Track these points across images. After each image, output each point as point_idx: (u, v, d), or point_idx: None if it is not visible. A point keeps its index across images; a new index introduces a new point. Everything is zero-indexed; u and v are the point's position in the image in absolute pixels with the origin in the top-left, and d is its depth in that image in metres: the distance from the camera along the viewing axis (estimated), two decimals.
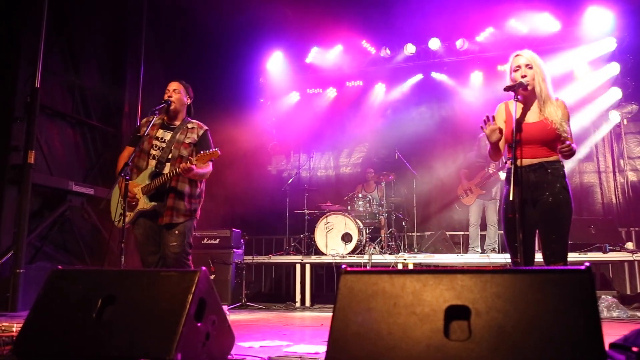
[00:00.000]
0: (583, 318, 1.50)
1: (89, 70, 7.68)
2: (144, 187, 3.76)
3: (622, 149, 8.24)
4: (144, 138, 3.82)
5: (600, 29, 8.08)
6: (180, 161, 3.76)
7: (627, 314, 5.66)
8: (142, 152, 3.84)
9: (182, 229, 3.77)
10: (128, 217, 3.75)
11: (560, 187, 3.15)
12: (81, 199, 7.10)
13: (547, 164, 3.18)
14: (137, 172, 3.82)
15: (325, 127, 9.78)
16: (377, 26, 9.10)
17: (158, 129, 3.90)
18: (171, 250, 3.69)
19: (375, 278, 1.78)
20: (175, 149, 3.83)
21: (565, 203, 3.14)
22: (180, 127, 3.94)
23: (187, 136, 3.91)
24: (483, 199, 7.50)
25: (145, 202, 3.75)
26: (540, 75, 3.23)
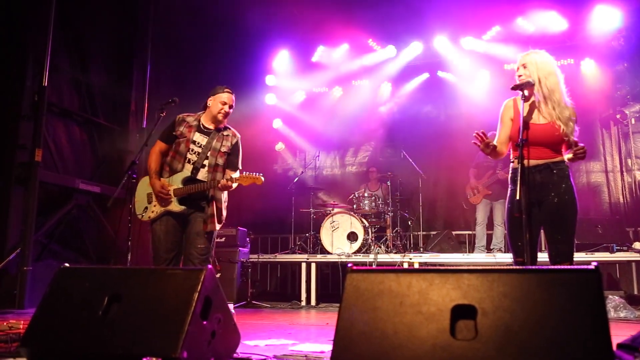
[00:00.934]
0: (591, 318, 1.49)
1: (96, 68, 7.70)
2: (176, 190, 3.81)
3: (629, 148, 8.18)
4: (181, 140, 3.86)
5: (607, 28, 8.03)
6: (216, 169, 3.87)
7: (634, 315, 5.62)
8: (178, 153, 3.87)
9: (213, 234, 3.89)
10: (154, 213, 3.82)
11: (565, 187, 3.16)
12: (88, 197, 7.13)
13: (552, 164, 3.20)
14: (169, 171, 3.86)
15: (331, 126, 9.77)
16: (383, 25, 9.08)
17: (195, 132, 3.91)
18: (198, 252, 3.78)
19: (381, 277, 1.78)
20: (212, 157, 3.89)
21: (571, 204, 3.16)
22: (216, 132, 3.97)
23: (223, 144, 3.95)
24: (489, 199, 7.49)
25: (175, 204, 3.81)
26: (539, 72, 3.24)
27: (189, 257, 3.79)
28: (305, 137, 10.01)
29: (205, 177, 3.85)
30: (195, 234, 3.80)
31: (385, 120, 9.66)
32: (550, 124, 3.19)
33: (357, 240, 7.41)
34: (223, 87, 4.01)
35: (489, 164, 7.53)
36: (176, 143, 3.86)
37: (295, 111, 10.11)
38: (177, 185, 3.83)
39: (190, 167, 3.85)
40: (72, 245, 7.08)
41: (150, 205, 3.85)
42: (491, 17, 8.60)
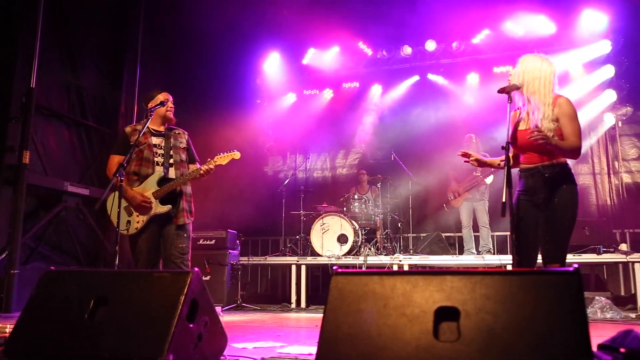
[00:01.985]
0: (571, 319, 1.51)
1: (85, 70, 7.66)
2: (155, 192, 3.87)
3: (616, 151, 8.27)
4: (141, 147, 3.88)
5: (595, 32, 8.12)
6: (182, 165, 4.02)
7: (620, 315, 5.68)
8: (144, 160, 3.92)
9: (189, 230, 3.98)
10: (139, 224, 3.83)
11: (559, 191, 3.15)
12: (76, 200, 7.09)
13: (542, 168, 3.21)
14: (139, 179, 3.89)
15: (321, 128, 9.79)
16: (374, 28, 9.12)
17: (151, 137, 3.99)
18: (179, 251, 3.84)
19: (365, 279, 1.79)
20: (175, 154, 4.04)
21: (562, 205, 3.14)
22: (168, 133, 4.11)
23: (179, 141, 4.13)
24: (470, 201, 7.56)
25: (159, 206, 3.86)
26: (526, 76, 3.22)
27: (169, 258, 3.82)
28: (296, 139, 10.02)
29: (174, 174, 3.97)
30: (173, 234, 3.87)
31: (376, 123, 9.69)
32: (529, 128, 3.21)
33: (347, 243, 7.43)
34: (157, 90, 4.12)
35: (467, 166, 7.60)
36: (137, 152, 3.89)
37: (286, 113, 10.11)
38: (154, 188, 3.88)
39: (160, 169, 3.94)
40: (60, 248, 7.03)
41: (133, 217, 3.84)
42: (480, 20, 8.66)
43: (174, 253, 3.82)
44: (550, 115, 3.15)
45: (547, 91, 3.21)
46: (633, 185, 8.13)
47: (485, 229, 7.45)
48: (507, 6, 8.29)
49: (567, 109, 3.16)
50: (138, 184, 3.88)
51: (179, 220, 3.89)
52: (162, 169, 3.94)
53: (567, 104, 3.18)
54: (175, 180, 3.91)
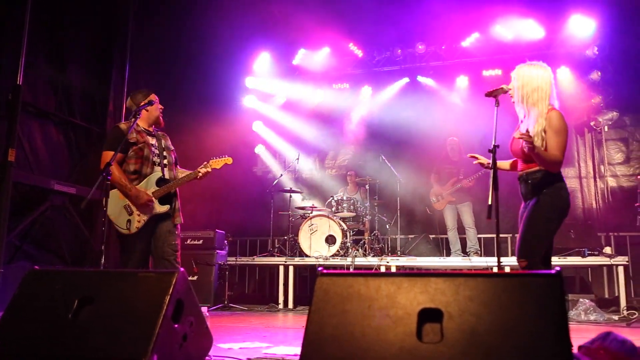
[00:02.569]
0: (552, 321, 1.53)
1: (73, 67, 7.60)
2: (155, 192, 3.89)
3: (602, 155, 8.35)
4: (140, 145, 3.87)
5: (582, 37, 8.20)
6: (172, 166, 4.09)
7: (603, 317, 5.75)
8: (144, 159, 3.91)
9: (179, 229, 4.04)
10: (140, 222, 3.83)
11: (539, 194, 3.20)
12: (63, 198, 7.03)
13: (526, 175, 3.29)
14: (139, 178, 3.89)
15: (311, 129, 9.79)
16: (364, 29, 9.14)
17: (147, 136, 3.98)
18: (173, 249, 3.89)
19: (350, 280, 1.80)
20: (168, 155, 4.08)
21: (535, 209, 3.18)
22: (157, 134, 4.13)
23: (168, 143, 4.17)
24: (454, 204, 7.63)
25: (159, 206, 3.90)
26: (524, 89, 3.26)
27: (163, 256, 3.84)
28: (285, 140, 10.01)
29: (168, 175, 4.03)
30: (167, 232, 3.90)
31: (365, 124, 9.71)
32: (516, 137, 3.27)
33: (335, 244, 7.44)
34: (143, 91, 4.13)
35: (450, 170, 7.68)
36: (136, 150, 3.87)
37: (276, 114, 10.10)
38: (153, 188, 3.91)
39: (159, 169, 3.97)
40: (46, 247, 6.97)
41: (134, 216, 3.83)
42: (470, 23, 8.71)
43: (167, 250, 3.84)
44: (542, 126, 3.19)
45: (546, 103, 3.24)
46: (618, 189, 8.22)
47: (472, 231, 7.51)
48: (497, 10, 8.34)
49: (554, 123, 3.18)
50: (137, 183, 3.87)
51: (176, 220, 3.97)
52: (160, 169, 3.97)
53: (556, 118, 3.19)
54: (173, 181, 3.97)
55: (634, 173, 8.10)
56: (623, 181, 8.22)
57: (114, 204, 3.83)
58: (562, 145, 3.17)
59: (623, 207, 7.76)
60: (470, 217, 7.53)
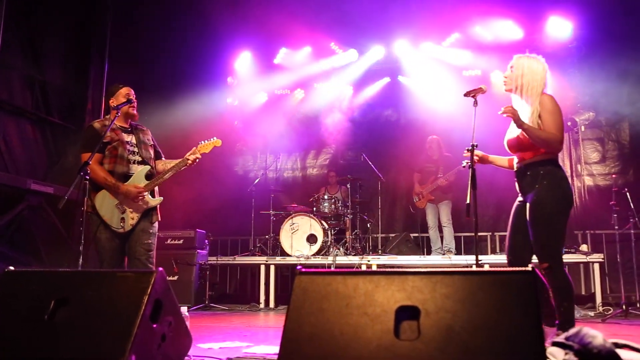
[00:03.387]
0: (526, 317, 1.56)
1: (50, 65, 7.49)
2: (146, 186, 3.87)
3: (579, 154, 8.49)
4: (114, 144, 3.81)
5: (560, 38, 8.33)
6: (151, 162, 4.01)
7: (580, 314, 5.86)
8: (119, 157, 3.86)
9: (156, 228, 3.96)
10: (134, 220, 3.80)
11: (538, 188, 3.14)
12: (40, 198, 6.93)
13: (525, 167, 3.24)
14: (115, 177, 3.81)
15: (292, 128, 9.79)
16: (346, 29, 9.15)
17: (121, 133, 3.91)
18: (145, 248, 3.82)
19: (329, 279, 1.81)
20: (145, 151, 4.01)
21: (539, 204, 3.12)
22: (134, 129, 4.06)
23: (147, 138, 4.10)
24: (434, 202, 7.69)
25: (151, 199, 3.89)
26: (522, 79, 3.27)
27: (135, 255, 3.78)
28: (266, 139, 9.99)
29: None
30: (140, 231, 3.83)
31: (346, 124, 9.73)
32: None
33: (317, 243, 7.45)
34: (117, 85, 4.07)
35: (430, 169, 7.75)
36: (110, 148, 3.84)
37: (257, 113, 10.07)
38: (143, 183, 3.87)
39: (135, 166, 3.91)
40: (23, 248, 6.86)
41: (127, 214, 3.79)
42: (450, 24, 8.78)
43: (139, 250, 3.78)
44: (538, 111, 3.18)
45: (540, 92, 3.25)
46: (594, 187, 8.36)
47: (447, 229, 7.58)
48: (477, 11, 8.42)
49: (547, 105, 3.18)
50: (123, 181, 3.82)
51: (155, 218, 3.93)
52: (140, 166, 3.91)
53: (548, 101, 3.20)
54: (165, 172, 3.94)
55: (609, 172, 8.25)
56: (599, 180, 8.37)
57: (105, 204, 3.79)
58: (559, 124, 3.13)
59: (599, 206, 7.89)
60: (447, 215, 7.59)
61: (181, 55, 9.20)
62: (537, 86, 3.25)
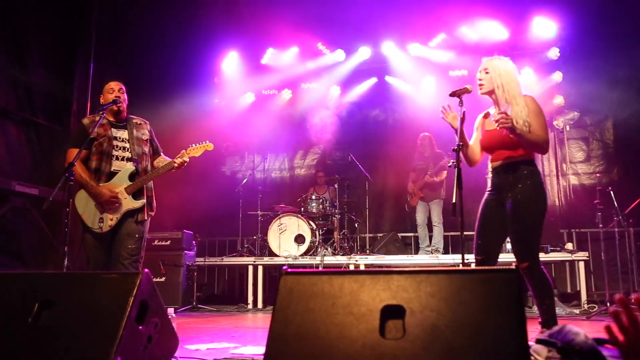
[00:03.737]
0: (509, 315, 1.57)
1: (35, 66, 7.41)
2: (128, 187, 3.78)
3: (564, 153, 8.58)
4: (100, 140, 3.77)
5: (545, 39, 8.42)
6: (144, 158, 3.92)
7: (565, 311, 5.92)
8: (104, 154, 3.80)
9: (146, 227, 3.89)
10: (114, 220, 3.73)
11: (522, 187, 3.17)
12: (24, 200, 6.85)
13: (508, 165, 3.25)
14: (99, 175, 3.77)
15: (280, 129, 9.78)
16: (333, 29, 9.17)
17: (111, 129, 3.86)
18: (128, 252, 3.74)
19: (314, 279, 1.81)
20: (138, 146, 3.92)
21: (523, 203, 3.15)
22: (129, 123, 3.98)
23: (142, 132, 4.00)
24: (425, 200, 7.73)
25: (132, 201, 3.78)
26: (500, 79, 3.29)
27: (118, 259, 3.73)
28: (254, 139, 9.98)
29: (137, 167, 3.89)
30: (126, 235, 3.77)
31: (334, 124, 9.75)
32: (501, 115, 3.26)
33: (305, 243, 7.46)
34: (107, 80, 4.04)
35: (421, 167, 7.79)
36: (96, 145, 3.80)
37: (244, 113, 10.05)
38: (127, 183, 3.79)
39: (124, 163, 3.85)
40: (7, 250, 6.78)
41: (106, 215, 3.74)
42: (437, 24, 8.83)
43: (122, 254, 3.72)
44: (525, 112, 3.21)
45: (519, 93, 3.29)
46: (579, 186, 8.45)
47: (437, 228, 7.62)
48: (463, 11, 8.48)
49: (532, 106, 3.24)
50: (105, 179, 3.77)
51: (143, 216, 3.84)
52: (128, 164, 3.84)
53: (532, 102, 3.27)
54: (149, 174, 3.85)
55: (594, 171, 8.35)
56: (584, 179, 8.46)
57: (84, 203, 3.76)
58: (545, 125, 3.21)
59: (584, 205, 7.98)
60: (438, 214, 7.63)
61: (168, 55, 9.15)
62: (516, 86, 3.31)
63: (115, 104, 3.86)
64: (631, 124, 8.15)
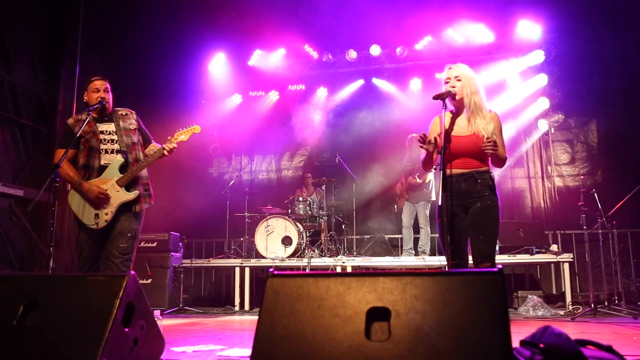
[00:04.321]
0: (494, 317, 1.60)
1: (20, 66, 7.33)
2: (119, 180, 3.76)
3: (549, 155, 8.68)
4: (87, 136, 3.75)
5: (530, 42, 8.52)
6: (134, 148, 3.90)
7: (550, 313, 5.98)
8: (92, 150, 3.79)
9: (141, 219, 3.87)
10: (109, 215, 3.72)
11: (488, 194, 3.34)
12: (9, 201, 6.77)
13: (477, 174, 3.37)
14: (89, 171, 3.76)
15: (267, 130, 9.78)
16: (320, 31, 9.20)
17: (96, 124, 3.85)
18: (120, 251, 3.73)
19: (300, 281, 1.82)
20: (126, 137, 3.90)
21: (492, 208, 3.33)
22: (115, 115, 3.96)
23: (128, 122, 3.97)
24: (411, 202, 7.76)
25: (126, 193, 3.77)
26: (470, 87, 3.39)
27: (109, 256, 3.72)
28: (241, 140, 9.97)
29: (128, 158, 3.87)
30: (118, 233, 3.76)
31: (321, 126, 9.78)
32: (473, 135, 3.35)
33: (292, 245, 7.46)
34: (90, 77, 4.00)
35: (408, 167, 7.81)
36: (83, 142, 3.79)
37: (231, 114, 10.04)
38: (117, 176, 3.78)
39: (114, 156, 3.82)
40: None
41: (101, 210, 3.73)
42: (423, 27, 8.90)
43: (113, 252, 3.71)
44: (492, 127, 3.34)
45: (484, 105, 3.39)
46: (564, 188, 8.55)
47: (424, 230, 7.65)
48: (449, 14, 8.55)
49: (498, 124, 3.42)
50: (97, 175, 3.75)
51: (139, 207, 3.83)
52: (117, 156, 3.82)
53: (497, 120, 3.44)
54: (139, 163, 3.83)
55: (578, 173, 8.46)
56: (569, 181, 8.56)
57: (77, 201, 3.74)
58: (504, 144, 3.40)
59: (568, 206, 8.08)
60: (425, 216, 7.66)
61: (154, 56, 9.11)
62: (482, 96, 3.43)
63: (100, 105, 3.84)
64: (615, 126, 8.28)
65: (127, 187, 3.80)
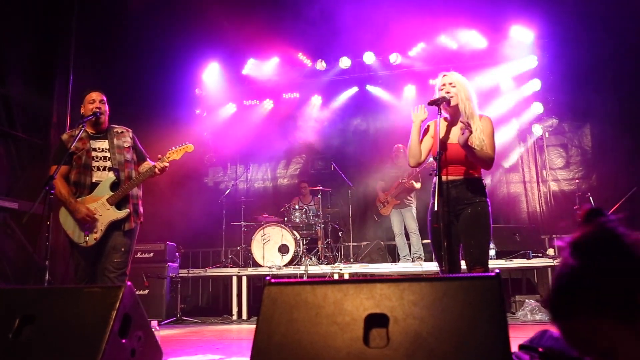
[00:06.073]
0: (491, 322, 1.59)
1: (13, 78, 7.31)
2: (110, 198, 3.74)
3: (544, 160, 8.71)
4: (79, 153, 3.74)
5: (523, 48, 8.57)
6: (127, 166, 3.88)
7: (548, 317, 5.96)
8: (83, 167, 3.78)
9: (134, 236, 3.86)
10: (98, 233, 3.69)
11: (479, 201, 3.36)
12: (4, 214, 6.74)
13: (468, 181, 3.39)
14: (81, 188, 3.74)
15: (262, 139, 9.78)
16: (313, 39, 9.23)
17: (90, 141, 3.83)
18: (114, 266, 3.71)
19: (298, 289, 1.81)
20: (119, 155, 3.88)
21: (484, 214, 3.35)
22: (110, 133, 3.94)
23: (123, 140, 3.96)
24: (399, 208, 7.74)
25: (116, 211, 3.75)
26: (464, 93, 3.41)
27: (103, 271, 3.70)
28: (236, 149, 9.96)
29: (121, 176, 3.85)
30: (111, 248, 3.74)
31: (316, 133, 9.79)
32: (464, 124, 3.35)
33: (289, 253, 7.44)
34: (88, 90, 4.00)
35: (395, 174, 7.80)
36: (76, 159, 3.77)
37: (226, 123, 10.04)
38: (108, 194, 3.76)
39: (105, 174, 3.81)
40: None
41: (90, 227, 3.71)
42: (416, 34, 8.94)
43: (108, 267, 3.70)
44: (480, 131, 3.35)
45: (476, 111, 3.41)
46: (560, 192, 8.57)
47: (415, 236, 7.64)
48: (442, 21, 8.60)
49: (488, 127, 3.42)
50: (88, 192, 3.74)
51: (129, 226, 3.80)
52: (109, 173, 3.80)
53: (489, 123, 3.44)
54: (130, 182, 3.81)
55: (573, 177, 8.49)
56: (564, 185, 8.59)
57: (67, 219, 3.72)
58: (494, 147, 3.40)
59: (564, 210, 8.10)
60: (414, 222, 7.65)
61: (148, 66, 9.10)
62: (475, 103, 3.45)
63: (95, 116, 3.83)
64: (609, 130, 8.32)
65: (118, 206, 3.78)
